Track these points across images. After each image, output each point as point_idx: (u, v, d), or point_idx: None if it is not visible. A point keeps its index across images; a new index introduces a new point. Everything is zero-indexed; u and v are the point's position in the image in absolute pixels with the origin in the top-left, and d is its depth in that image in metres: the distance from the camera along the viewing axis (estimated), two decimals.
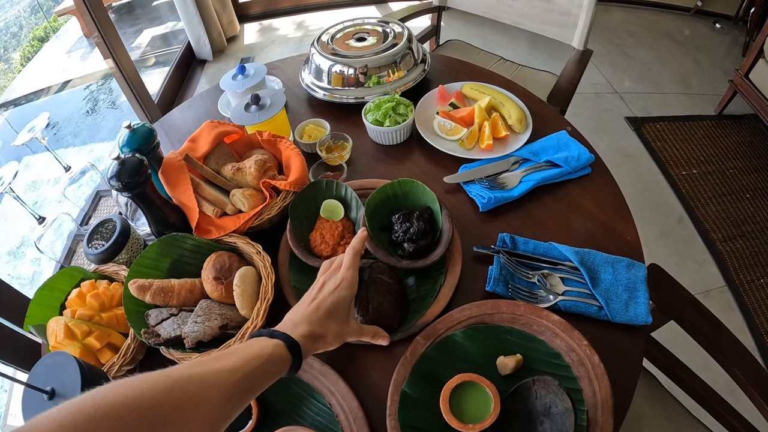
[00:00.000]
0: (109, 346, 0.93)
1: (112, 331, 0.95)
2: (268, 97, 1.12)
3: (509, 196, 1.04)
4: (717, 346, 0.96)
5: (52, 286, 1.01)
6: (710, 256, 2.05)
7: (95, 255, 1.03)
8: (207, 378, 0.55)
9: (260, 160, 0.99)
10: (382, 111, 1.15)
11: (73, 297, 0.97)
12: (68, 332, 0.90)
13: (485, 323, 0.85)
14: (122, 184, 0.91)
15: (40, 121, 1.19)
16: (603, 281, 0.89)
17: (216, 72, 3.18)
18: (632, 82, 2.76)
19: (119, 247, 1.03)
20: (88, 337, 0.92)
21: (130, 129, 1.01)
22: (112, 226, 1.07)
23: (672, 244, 2.08)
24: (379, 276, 0.85)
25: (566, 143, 1.12)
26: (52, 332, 0.92)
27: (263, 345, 0.65)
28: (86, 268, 1.05)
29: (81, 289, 0.98)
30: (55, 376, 0.75)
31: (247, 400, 0.61)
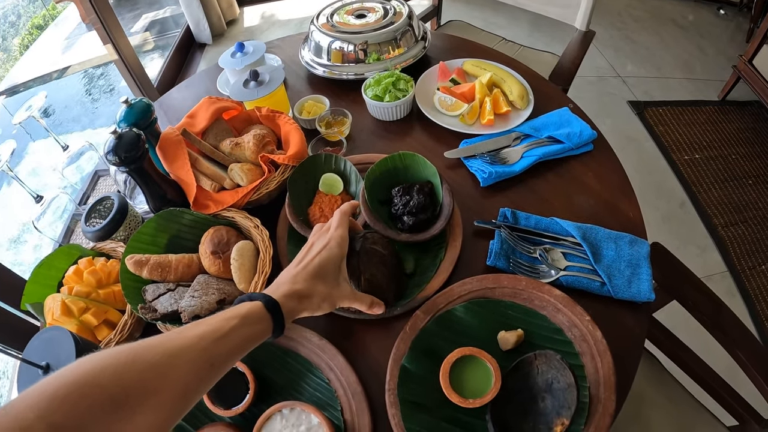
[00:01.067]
0: (106, 323, 0.92)
1: (109, 307, 0.94)
2: (267, 73, 1.10)
3: (510, 171, 1.02)
4: (719, 326, 0.95)
5: (50, 264, 0.99)
6: (712, 241, 2.04)
7: (93, 232, 1.02)
8: (173, 346, 0.52)
9: (259, 135, 0.97)
10: (382, 86, 1.13)
11: (70, 274, 0.96)
12: (65, 309, 0.89)
13: (486, 298, 0.83)
14: (119, 158, 0.90)
15: (38, 99, 1.17)
16: (605, 257, 0.87)
17: (215, 55, 3.13)
18: (635, 67, 2.73)
19: (117, 224, 1.02)
20: (85, 314, 0.91)
21: (128, 104, 0.99)
22: (110, 203, 1.05)
23: (674, 229, 2.05)
24: (372, 246, 0.81)
25: (568, 120, 1.10)
26: (49, 310, 0.92)
27: (239, 307, 0.62)
28: (84, 246, 1.04)
29: (78, 266, 0.96)
30: (50, 351, 0.74)
31: (224, 366, 0.57)
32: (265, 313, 0.62)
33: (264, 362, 0.84)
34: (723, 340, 0.95)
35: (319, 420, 0.74)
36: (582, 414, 0.71)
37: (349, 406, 0.78)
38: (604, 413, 0.70)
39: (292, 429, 0.75)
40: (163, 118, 1.32)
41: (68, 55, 3.38)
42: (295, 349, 0.84)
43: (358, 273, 0.79)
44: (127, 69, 2.06)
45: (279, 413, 0.76)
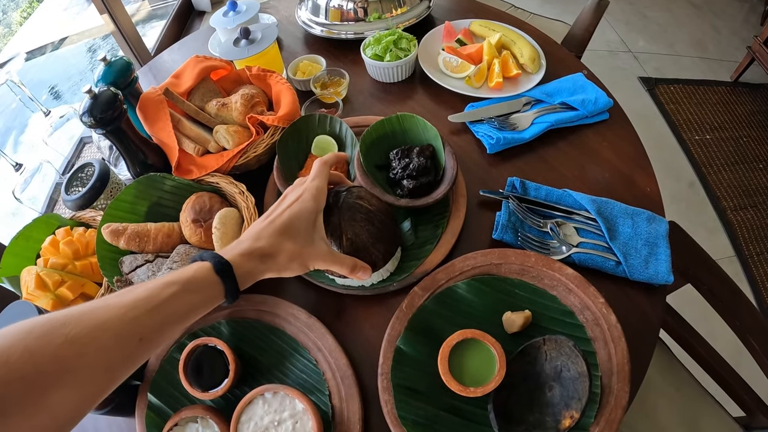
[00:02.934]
0: (83, 297, 0.85)
1: (86, 280, 0.86)
2: (259, 31, 0.99)
3: (520, 137, 0.90)
4: (735, 313, 0.86)
5: (28, 235, 0.91)
6: (720, 224, 1.93)
7: (72, 201, 0.93)
8: (98, 317, 0.43)
9: (247, 95, 0.86)
10: (383, 45, 1.01)
11: (47, 245, 0.88)
12: (39, 282, 0.82)
13: (491, 274, 0.73)
14: (95, 119, 0.81)
15: (15, 62, 1.07)
16: (621, 234, 0.76)
17: None
18: (647, 42, 2.58)
19: (97, 192, 0.93)
20: (61, 288, 0.83)
21: (106, 62, 0.89)
22: (91, 170, 0.97)
23: (682, 209, 1.94)
24: (356, 201, 0.67)
25: (582, 86, 0.99)
26: (24, 283, 0.84)
27: (184, 270, 0.51)
28: (64, 216, 0.95)
29: (55, 237, 0.89)
30: None
31: (157, 340, 0.47)
32: (215, 277, 0.51)
33: (246, 340, 0.74)
34: (737, 327, 0.86)
35: (304, 406, 0.64)
36: (592, 406, 0.62)
37: (337, 391, 0.69)
38: (616, 406, 0.61)
39: (275, 415, 0.65)
40: (152, 82, 1.21)
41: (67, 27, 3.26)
42: (281, 326, 0.74)
43: (339, 232, 0.66)
44: (124, 39, 1.94)
45: (261, 397, 0.66)
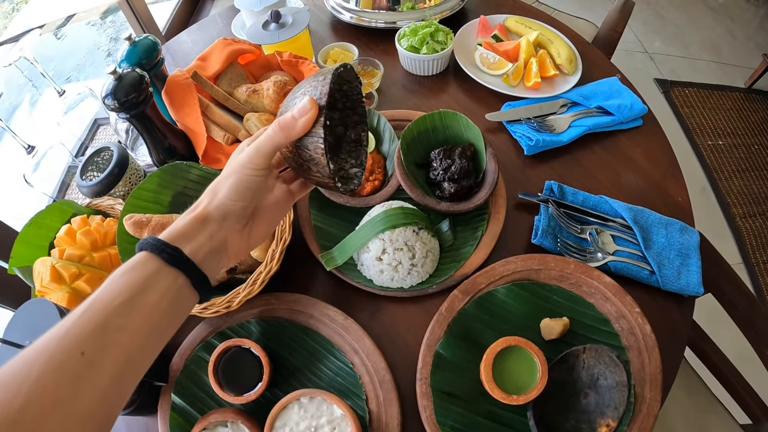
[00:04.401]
0: None
1: (104, 273, 0.83)
2: (290, 15, 0.96)
3: (558, 140, 0.90)
4: (751, 324, 0.88)
5: (40, 223, 0.88)
6: (729, 231, 1.95)
7: (89, 187, 0.91)
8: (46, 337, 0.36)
9: (280, 82, 0.84)
10: (419, 37, 0.99)
11: (62, 235, 0.85)
12: (55, 275, 0.79)
13: (531, 280, 0.73)
14: (119, 102, 0.78)
15: (30, 39, 1.03)
16: (656, 243, 0.77)
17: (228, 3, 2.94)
18: (663, 44, 2.59)
19: (116, 178, 0.91)
20: (78, 281, 0.81)
21: (131, 41, 0.86)
22: (109, 155, 0.94)
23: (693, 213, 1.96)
24: None
25: (618, 90, 0.98)
26: (38, 275, 0.82)
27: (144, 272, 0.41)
28: (79, 203, 0.92)
29: (71, 226, 0.86)
30: (35, 328, 0.66)
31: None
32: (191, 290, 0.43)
33: (277, 340, 0.73)
34: (752, 337, 0.88)
35: (343, 411, 0.63)
36: (627, 414, 0.63)
37: (375, 396, 0.68)
38: (648, 414, 0.64)
39: (311, 421, 0.64)
40: (170, 64, 1.18)
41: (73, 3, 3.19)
42: (316, 327, 0.73)
43: None
44: (133, 14, 1.90)
45: (297, 402, 0.65)
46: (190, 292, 0.43)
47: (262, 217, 0.49)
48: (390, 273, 0.72)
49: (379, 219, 0.71)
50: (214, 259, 0.44)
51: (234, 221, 0.46)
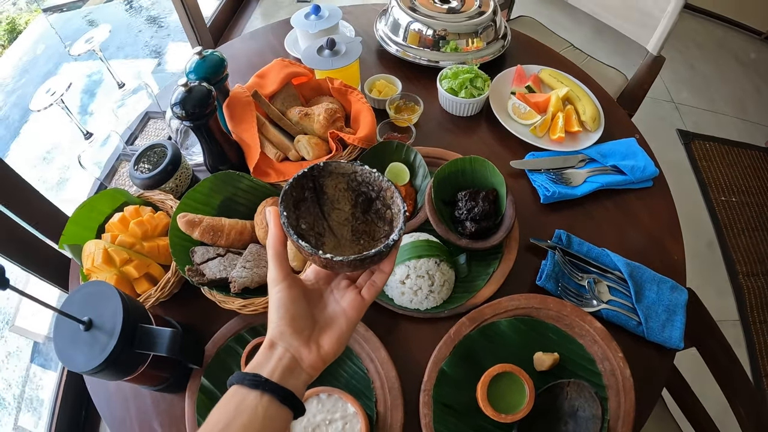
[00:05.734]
0: (146, 277, 0.93)
1: (151, 261, 0.94)
2: (344, 44, 1.09)
3: (572, 193, 1.03)
4: (729, 380, 0.98)
5: (92, 206, 0.99)
6: (731, 287, 2.06)
7: (141, 179, 1.02)
8: None
9: (330, 109, 0.98)
10: (459, 81, 1.13)
11: (115, 221, 0.95)
12: (107, 258, 0.89)
13: (530, 316, 0.86)
14: (186, 112, 0.88)
15: (100, 32, 1.14)
16: (646, 298, 0.90)
17: (271, 6, 3.09)
18: (690, 95, 2.71)
19: (168, 175, 1.02)
20: (127, 265, 0.91)
21: (200, 56, 0.98)
22: (163, 151, 1.05)
23: (696, 267, 2.05)
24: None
25: (634, 152, 1.11)
26: (89, 254, 0.91)
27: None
28: (130, 192, 1.03)
29: (124, 214, 0.96)
30: (94, 307, 0.72)
31: None
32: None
33: None
34: (728, 394, 0.99)
35: (356, 410, 0.77)
36: None
37: (383, 399, 0.81)
38: None
39: (327, 414, 0.77)
40: None
41: None
42: None
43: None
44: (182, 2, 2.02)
45: (316, 397, 0.78)
46: (278, 407, 0.49)
47: (327, 329, 0.54)
48: (410, 296, 0.86)
49: (407, 248, 0.85)
50: (291, 377, 0.51)
51: (291, 339, 0.51)
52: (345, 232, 0.59)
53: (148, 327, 0.73)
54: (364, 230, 0.60)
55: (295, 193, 0.55)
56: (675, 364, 1.13)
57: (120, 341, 0.68)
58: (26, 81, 2.78)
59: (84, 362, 0.67)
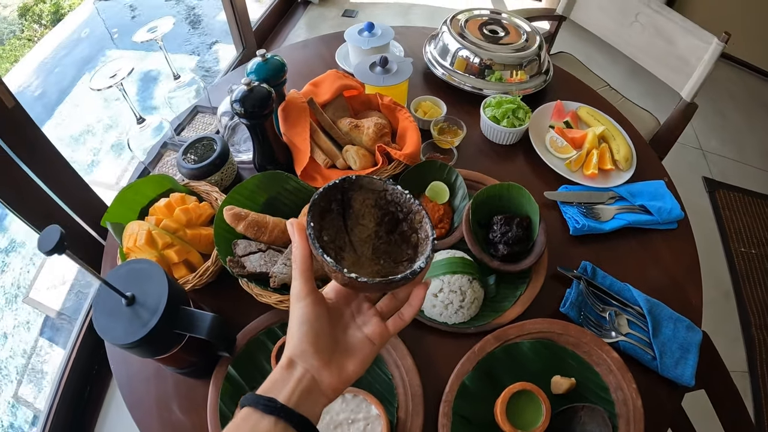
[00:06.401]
0: (185, 263, 0.98)
1: (192, 248, 1.00)
2: (396, 63, 1.17)
3: (600, 228, 1.09)
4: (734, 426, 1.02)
5: (138, 189, 1.05)
6: (742, 339, 2.09)
7: (189, 169, 1.08)
8: None
9: (380, 124, 1.05)
10: (502, 110, 1.20)
11: (161, 206, 1.01)
12: (149, 239, 0.94)
13: (552, 341, 0.92)
14: (245, 110, 0.95)
15: (164, 24, 1.22)
16: (663, 334, 0.95)
17: (317, 16, 3.22)
18: (718, 143, 2.77)
19: (215, 168, 1.09)
20: (168, 249, 0.96)
21: (263, 58, 1.05)
22: (210, 145, 1.12)
23: (709, 315, 2.06)
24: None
25: (662, 194, 1.17)
26: (131, 234, 0.96)
27: None
28: (176, 179, 1.09)
29: (170, 201, 1.02)
30: (137, 284, 0.74)
31: None
32: None
33: None
34: None
35: (379, 412, 0.82)
36: None
37: (405, 405, 0.86)
38: None
39: (350, 414, 0.83)
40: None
41: None
42: None
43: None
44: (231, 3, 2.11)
45: (342, 396, 0.84)
46: None
47: (350, 353, 0.52)
48: (441, 309, 0.92)
49: (443, 263, 0.92)
50: (309, 400, 0.49)
51: (313, 359, 0.50)
52: (366, 249, 0.59)
53: (190, 309, 0.76)
54: (386, 250, 0.59)
55: (323, 203, 0.54)
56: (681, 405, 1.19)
57: (162, 319, 0.71)
58: (67, 63, 2.90)
59: (123, 335, 0.70)
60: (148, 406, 0.90)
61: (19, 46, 2.87)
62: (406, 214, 0.57)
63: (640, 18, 1.74)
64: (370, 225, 0.59)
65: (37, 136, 1.47)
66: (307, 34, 3.20)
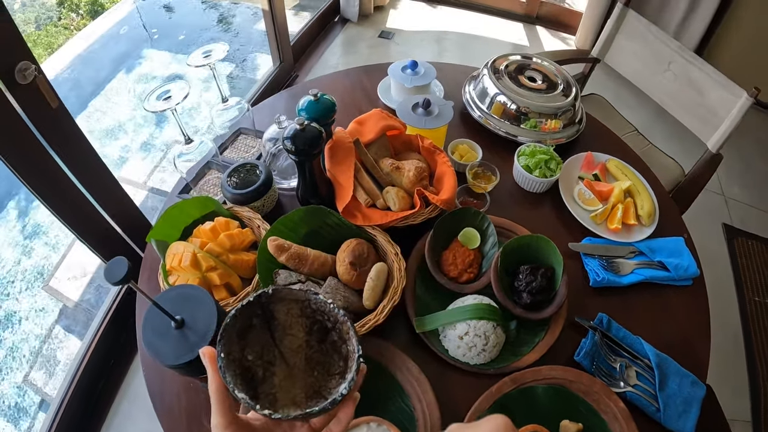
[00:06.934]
0: (226, 286, 1.05)
1: (234, 273, 1.06)
2: (438, 106, 1.26)
3: (618, 282, 1.18)
4: None
5: (182, 208, 1.13)
6: (748, 389, 2.14)
7: (233, 194, 1.17)
8: None
9: (420, 168, 1.14)
10: (535, 160, 1.29)
11: (206, 229, 1.08)
12: (194, 261, 1.00)
13: (564, 387, 1.00)
14: (296, 148, 1.02)
15: (219, 50, 1.29)
16: (668, 388, 1.03)
17: (354, 35, 3.36)
18: (741, 191, 2.83)
19: (259, 195, 1.18)
20: (211, 272, 1.02)
21: (315, 98, 1.13)
22: (254, 170, 1.20)
23: (716, 362, 2.11)
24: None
25: (680, 251, 1.25)
26: (175, 254, 1.02)
27: None
28: (219, 201, 1.17)
29: (216, 225, 1.09)
30: (186, 308, 0.79)
31: None
32: None
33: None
34: None
35: None
36: None
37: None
38: None
39: None
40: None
41: None
42: (394, 372, 1.00)
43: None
44: (272, 16, 2.21)
45: (366, 425, 0.91)
46: None
47: None
48: (464, 350, 1.01)
49: (470, 308, 1.01)
50: None
51: None
52: (298, 360, 0.58)
53: None
54: (319, 360, 0.59)
55: (239, 324, 0.54)
56: None
57: (211, 345, 0.72)
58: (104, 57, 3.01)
59: (172, 356, 0.75)
60: (178, 417, 0.98)
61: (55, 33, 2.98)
62: (334, 324, 0.58)
63: (673, 67, 1.82)
64: (300, 335, 0.59)
65: (76, 134, 1.57)
66: (342, 51, 3.32)
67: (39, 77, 1.37)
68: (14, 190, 2.59)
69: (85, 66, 2.95)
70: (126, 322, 2.06)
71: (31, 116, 1.39)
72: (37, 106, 1.41)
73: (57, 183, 1.54)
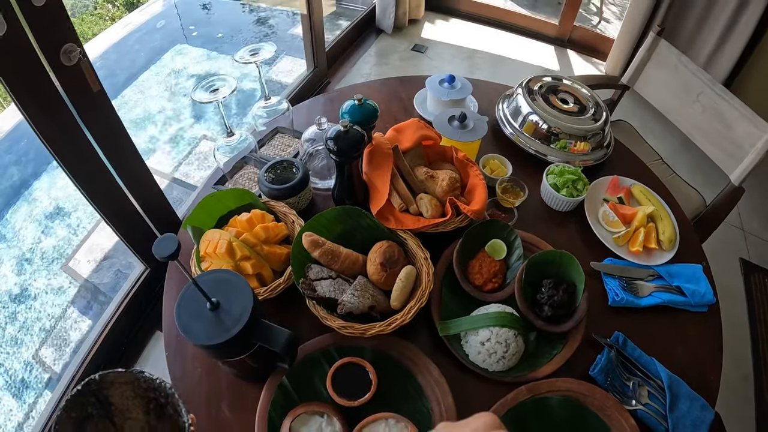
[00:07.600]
0: (257, 276, 1.11)
1: (266, 264, 1.13)
2: (473, 120, 1.33)
3: (636, 303, 1.24)
4: None
5: (220, 198, 1.20)
6: (755, 426, 2.16)
7: (270, 189, 1.23)
8: None
9: (453, 178, 1.21)
10: (563, 179, 1.36)
11: (242, 219, 1.14)
12: (229, 249, 1.06)
13: (578, 400, 1.05)
14: (338, 149, 1.09)
15: (266, 51, 1.37)
16: (678, 409, 1.08)
17: (388, 46, 3.46)
18: (761, 226, 2.88)
19: (295, 192, 1.25)
20: (245, 261, 1.08)
21: (359, 102, 1.22)
22: (291, 168, 1.27)
23: (725, 396, 2.15)
24: None
25: (698, 278, 1.31)
26: (210, 241, 1.08)
27: None
28: (255, 194, 1.23)
29: (252, 216, 1.16)
30: (222, 292, 0.83)
31: None
32: None
33: (384, 371, 1.04)
34: None
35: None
36: None
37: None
38: None
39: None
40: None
41: None
42: (415, 373, 1.06)
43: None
44: (309, 20, 2.29)
45: (385, 421, 0.96)
46: None
47: None
48: (485, 356, 1.07)
49: (493, 315, 1.07)
50: None
51: None
52: None
53: (270, 323, 0.87)
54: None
55: (74, 414, 0.53)
56: None
57: (244, 329, 0.80)
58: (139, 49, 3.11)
59: (204, 337, 0.79)
60: (198, 401, 1.03)
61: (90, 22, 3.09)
62: (166, 398, 0.59)
63: (701, 99, 1.87)
64: (140, 416, 0.59)
65: (114, 119, 1.67)
66: (375, 61, 3.43)
67: (83, 60, 1.44)
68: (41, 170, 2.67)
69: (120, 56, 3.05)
70: (143, 311, 2.13)
71: (72, 98, 1.47)
72: (79, 89, 1.48)
73: (90, 164, 1.62)
